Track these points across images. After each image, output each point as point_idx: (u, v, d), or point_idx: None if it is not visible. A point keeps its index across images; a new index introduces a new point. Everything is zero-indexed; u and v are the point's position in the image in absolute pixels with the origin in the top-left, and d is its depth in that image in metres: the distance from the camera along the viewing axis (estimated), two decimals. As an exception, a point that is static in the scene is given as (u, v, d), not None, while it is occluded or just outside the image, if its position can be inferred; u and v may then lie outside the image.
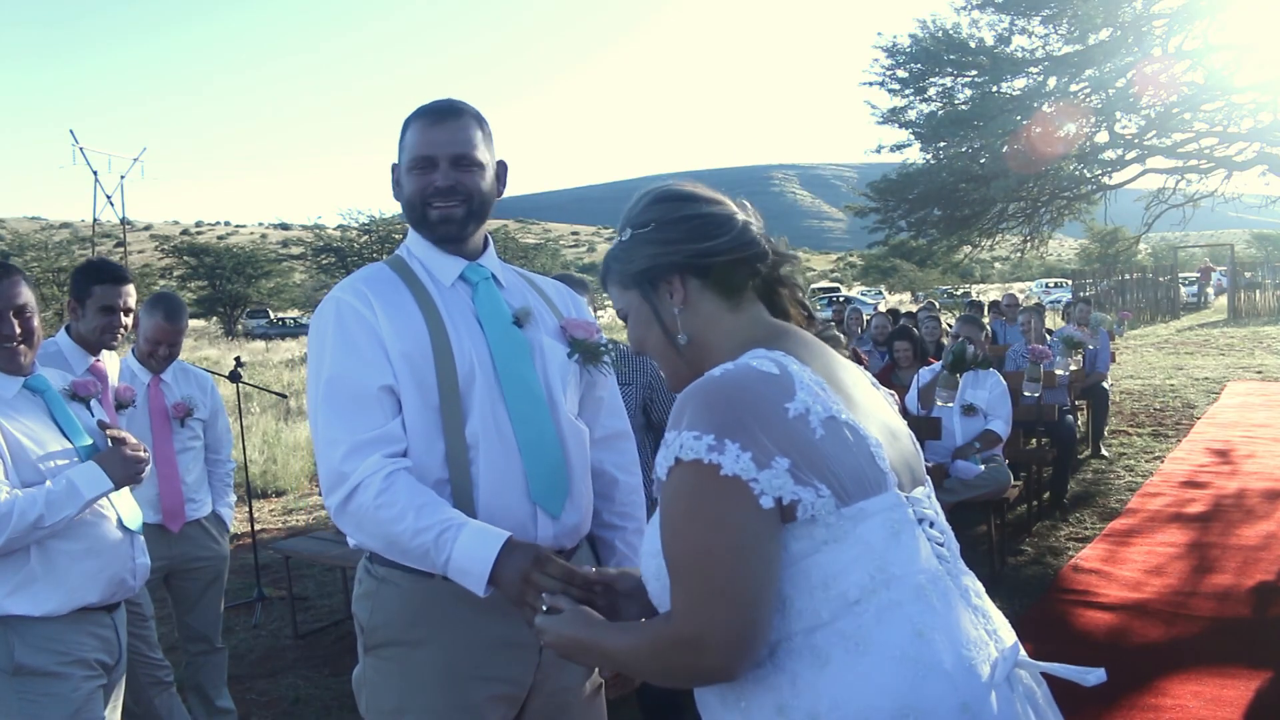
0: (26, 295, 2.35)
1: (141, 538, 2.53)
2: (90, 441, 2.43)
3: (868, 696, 1.16)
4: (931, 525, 1.29)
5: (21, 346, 2.34)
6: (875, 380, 1.44)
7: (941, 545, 1.29)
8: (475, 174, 1.85)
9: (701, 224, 1.35)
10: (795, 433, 1.18)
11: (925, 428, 5.36)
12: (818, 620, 1.19)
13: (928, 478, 1.38)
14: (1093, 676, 1.25)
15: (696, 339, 1.36)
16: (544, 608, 1.42)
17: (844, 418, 1.23)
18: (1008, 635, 1.30)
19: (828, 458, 1.19)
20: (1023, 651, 1.30)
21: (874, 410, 1.33)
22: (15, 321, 2.32)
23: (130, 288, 3.19)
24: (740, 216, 1.38)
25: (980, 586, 1.35)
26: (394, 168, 1.91)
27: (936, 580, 1.25)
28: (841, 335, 1.37)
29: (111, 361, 3.32)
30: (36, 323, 2.38)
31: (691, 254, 1.34)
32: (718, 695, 1.28)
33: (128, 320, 3.20)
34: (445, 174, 1.81)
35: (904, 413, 5.30)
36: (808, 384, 1.23)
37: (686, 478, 1.18)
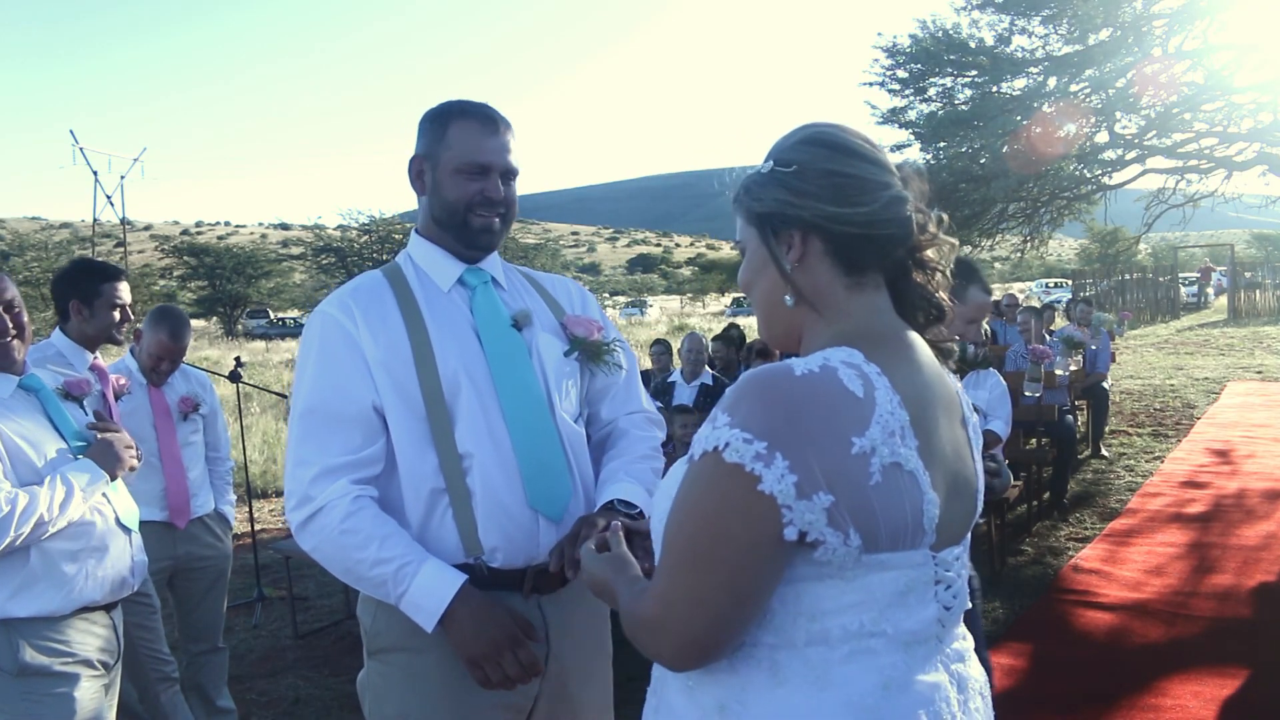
0: (14, 291, 2.37)
1: (138, 535, 2.54)
2: (84, 442, 2.44)
3: None
4: (948, 588, 1.21)
5: (15, 342, 2.35)
6: (970, 407, 1.32)
7: (949, 610, 1.22)
8: (514, 187, 1.87)
9: (843, 185, 1.20)
10: (850, 472, 1.08)
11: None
12: (789, 641, 1.14)
13: (969, 535, 1.28)
14: None
15: (803, 304, 1.23)
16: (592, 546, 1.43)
17: (909, 467, 1.12)
18: (979, 707, 1.26)
19: (874, 506, 1.10)
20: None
21: (951, 457, 1.21)
22: (6, 317, 2.33)
23: (126, 283, 3.30)
24: (893, 191, 1.21)
25: (969, 646, 1.29)
26: (418, 160, 1.84)
27: (924, 642, 1.19)
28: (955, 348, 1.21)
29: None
30: (26, 318, 2.40)
31: (819, 215, 1.19)
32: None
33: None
34: (497, 186, 1.82)
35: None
36: (886, 419, 1.11)
37: (720, 478, 1.08)
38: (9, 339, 2.33)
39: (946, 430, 1.22)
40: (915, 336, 1.26)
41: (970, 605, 1.29)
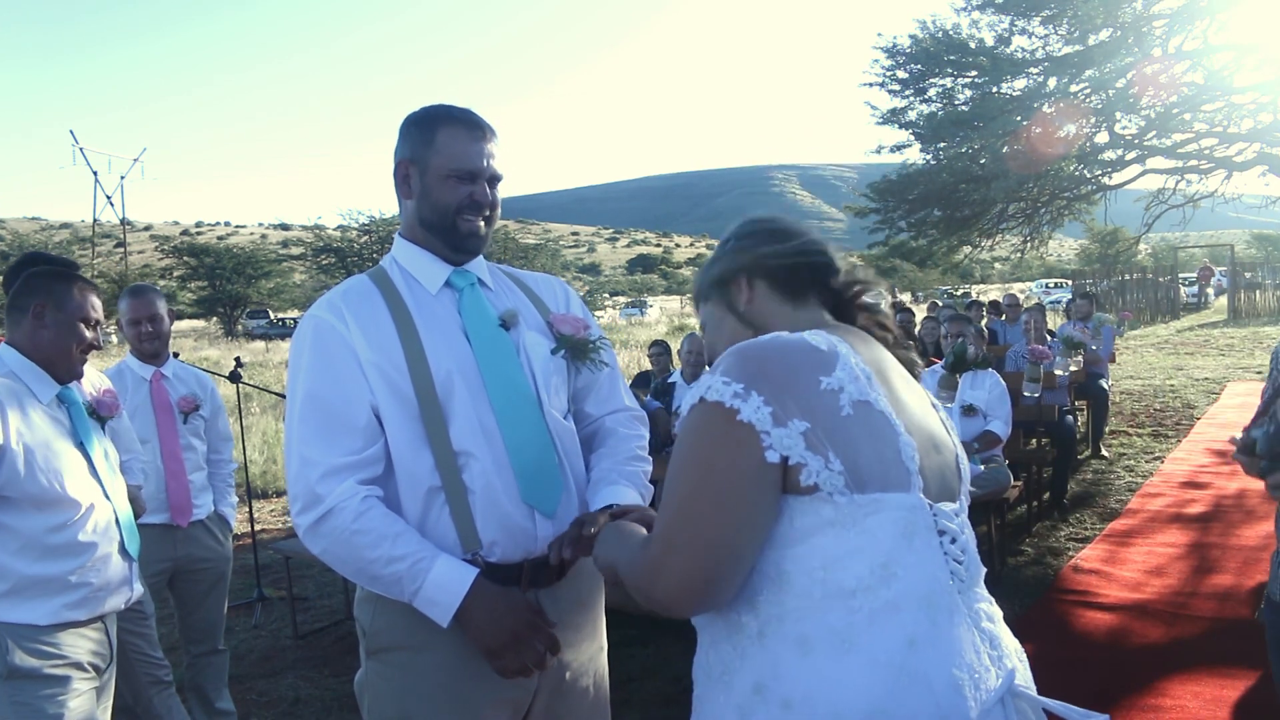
0: (100, 307, 2.51)
1: (137, 564, 2.57)
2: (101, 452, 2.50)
3: (842, 694, 1.16)
4: (954, 541, 1.27)
5: (87, 357, 2.49)
6: (936, 403, 1.45)
7: (960, 564, 1.27)
8: (498, 192, 1.89)
9: (772, 230, 1.45)
10: (822, 404, 1.21)
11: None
12: (811, 603, 1.19)
13: (963, 500, 1.36)
14: None
15: (760, 332, 1.37)
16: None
17: (880, 407, 1.24)
18: (1016, 666, 1.29)
19: (849, 436, 1.20)
20: (1029, 686, 1.29)
21: (921, 419, 1.32)
22: (98, 335, 2.47)
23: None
24: (814, 235, 1.46)
25: (998, 613, 1.33)
26: (404, 164, 1.85)
27: (944, 595, 1.23)
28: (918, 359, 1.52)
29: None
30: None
31: (758, 255, 1.42)
32: (705, 670, 1.31)
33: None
34: (485, 191, 1.84)
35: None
36: (851, 367, 1.25)
37: (705, 416, 1.23)
38: (88, 353, 2.48)
39: (910, 396, 1.34)
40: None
41: None
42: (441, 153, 1.81)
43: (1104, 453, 8.41)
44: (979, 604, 1.29)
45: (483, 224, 1.86)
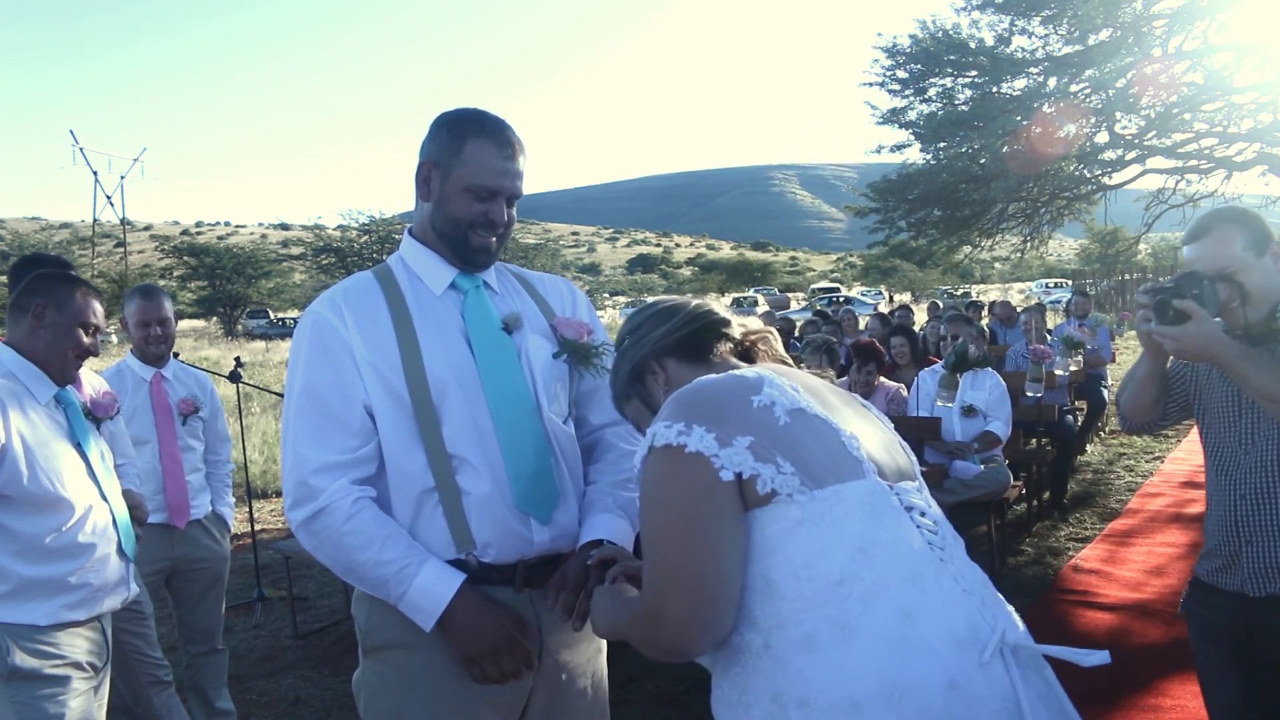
0: (102, 314, 2.51)
1: (133, 564, 2.57)
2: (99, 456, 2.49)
3: (853, 678, 1.18)
4: (922, 515, 1.33)
5: (82, 362, 2.49)
6: (866, 402, 1.53)
7: (934, 533, 1.32)
8: (514, 209, 1.88)
9: (658, 313, 1.57)
10: (758, 419, 1.29)
11: (925, 428, 5.37)
12: (804, 602, 1.23)
13: (920, 479, 1.42)
14: (1094, 658, 1.25)
15: None
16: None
17: (813, 411, 1.32)
18: (1007, 615, 1.31)
19: (793, 441, 1.28)
20: (1025, 634, 1.31)
21: (855, 417, 1.41)
22: (90, 339, 2.46)
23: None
24: (695, 301, 1.58)
25: (984, 577, 1.37)
26: (427, 165, 1.83)
27: (927, 564, 1.27)
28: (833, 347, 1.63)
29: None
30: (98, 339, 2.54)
31: (656, 337, 1.53)
32: (723, 701, 1.32)
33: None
34: (501, 210, 1.83)
35: (901, 418, 5.31)
36: (778, 384, 1.34)
37: (657, 462, 1.30)
38: (85, 356, 2.47)
39: (842, 401, 1.43)
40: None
41: None
42: (466, 165, 1.79)
43: (1086, 446, 8.42)
44: (964, 569, 1.33)
45: (494, 240, 1.85)
